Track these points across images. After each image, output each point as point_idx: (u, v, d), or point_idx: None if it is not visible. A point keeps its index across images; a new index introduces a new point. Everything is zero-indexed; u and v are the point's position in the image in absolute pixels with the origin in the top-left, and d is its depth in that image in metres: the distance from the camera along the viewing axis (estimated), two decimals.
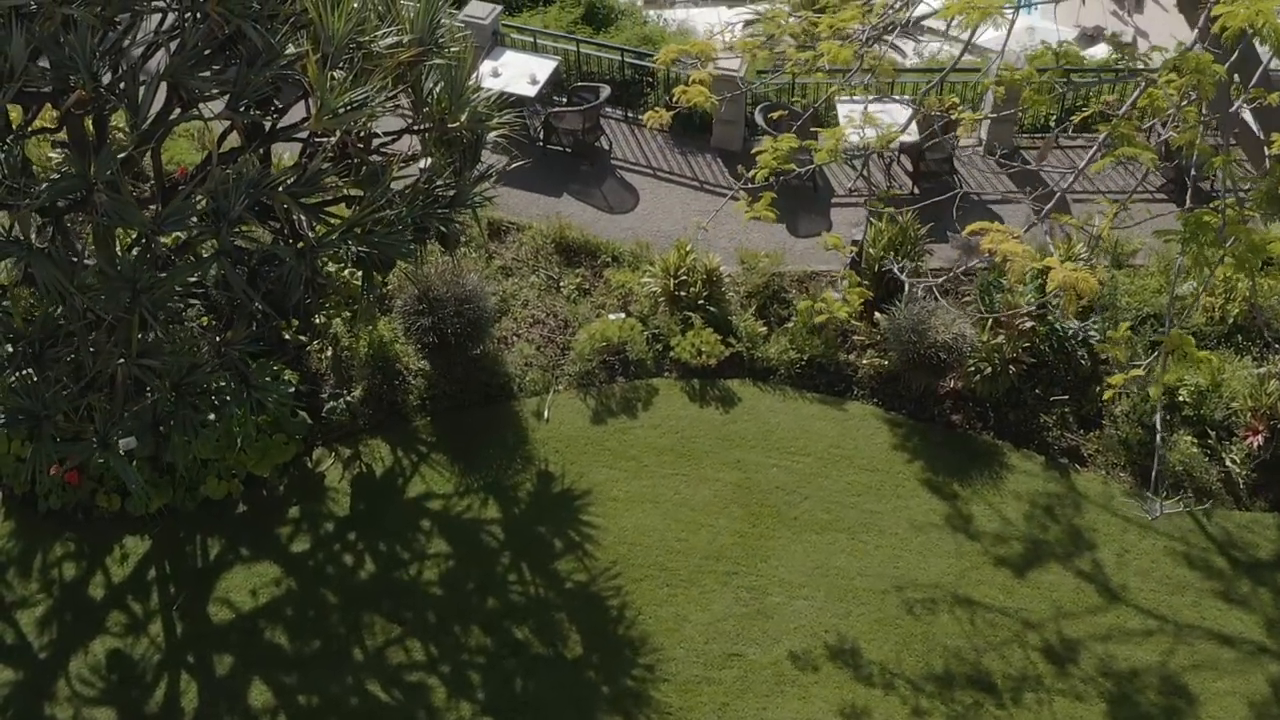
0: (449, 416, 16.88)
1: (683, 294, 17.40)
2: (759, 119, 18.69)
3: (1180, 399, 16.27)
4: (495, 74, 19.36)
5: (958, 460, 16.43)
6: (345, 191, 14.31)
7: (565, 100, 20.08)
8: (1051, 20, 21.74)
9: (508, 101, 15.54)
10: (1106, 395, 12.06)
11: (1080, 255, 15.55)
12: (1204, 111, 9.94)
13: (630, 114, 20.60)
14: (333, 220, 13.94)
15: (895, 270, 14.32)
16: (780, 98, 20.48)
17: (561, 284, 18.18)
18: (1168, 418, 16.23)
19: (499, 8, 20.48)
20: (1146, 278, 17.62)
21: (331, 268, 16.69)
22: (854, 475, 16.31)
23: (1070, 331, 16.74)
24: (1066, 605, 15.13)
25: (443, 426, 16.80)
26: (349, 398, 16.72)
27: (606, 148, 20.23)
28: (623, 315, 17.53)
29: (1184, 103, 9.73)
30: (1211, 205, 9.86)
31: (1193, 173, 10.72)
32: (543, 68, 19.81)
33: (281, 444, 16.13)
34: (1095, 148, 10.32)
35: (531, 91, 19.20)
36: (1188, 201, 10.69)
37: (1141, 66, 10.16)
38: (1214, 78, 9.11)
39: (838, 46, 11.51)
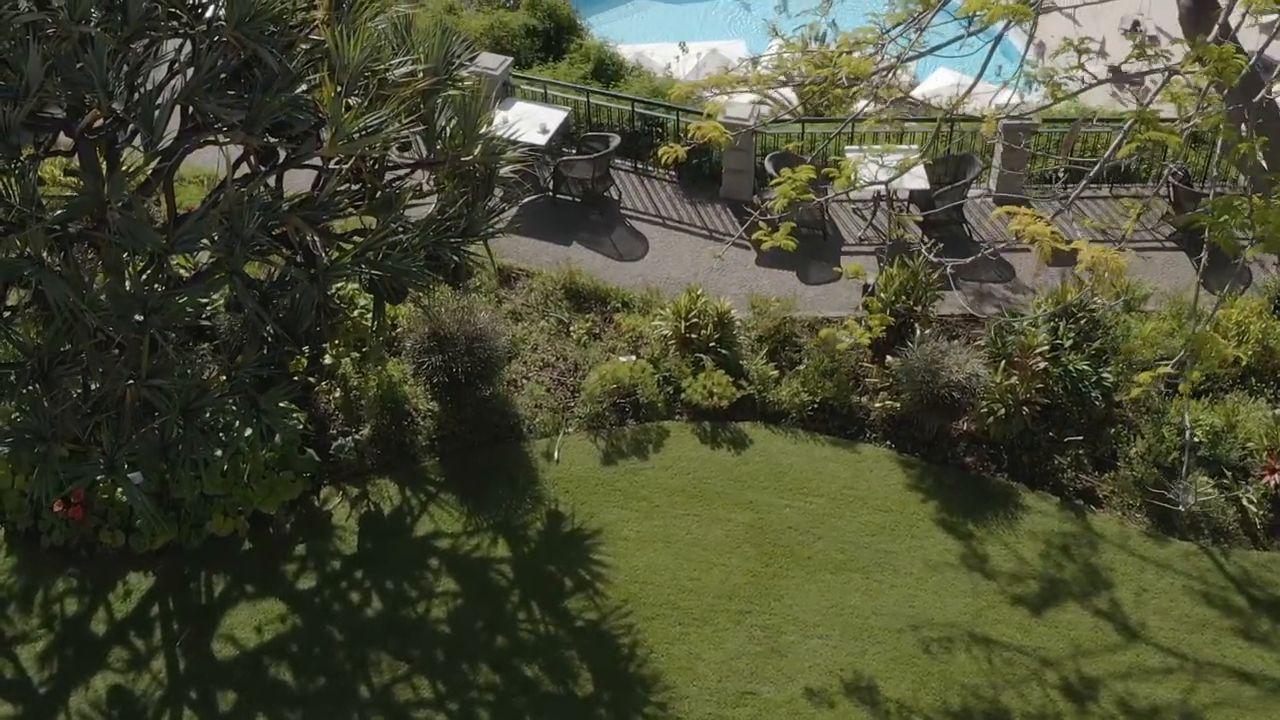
0: (458, 457, 16.73)
1: (694, 337, 17.32)
2: (769, 167, 18.73)
3: (1196, 440, 16.14)
4: (505, 123, 19.39)
5: (972, 501, 16.27)
6: (359, 217, 14.31)
7: (575, 150, 20.14)
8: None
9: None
10: (1133, 393, 11.95)
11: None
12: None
13: (640, 165, 20.66)
14: (346, 247, 13.92)
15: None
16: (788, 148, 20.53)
17: (571, 328, 18.11)
18: (1183, 459, 16.11)
19: (509, 59, 20.61)
20: (1159, 321, 17.56)
21: (347, 288, 16.62)
22: (868, 515, 16.14)
23: (1083, 373, 16.64)
24: (1085, 643, 14.89)
25: (451, 467, 16.64)
26: (357, 436, 16.58)
27: (616, 197, 20.26)
28: (633, 358, 17.44)
29: (1206, 93, 9.70)
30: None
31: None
32: (553, 117, 19.90)
33: (289, 481, 15.95)
34: (1121, 134, 10.25)
35: (541, 140, 19.24)
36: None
37: (1161, 66, 10.08)
38: (1237, 68, 9.10)
39: (855, 60, 11.52)
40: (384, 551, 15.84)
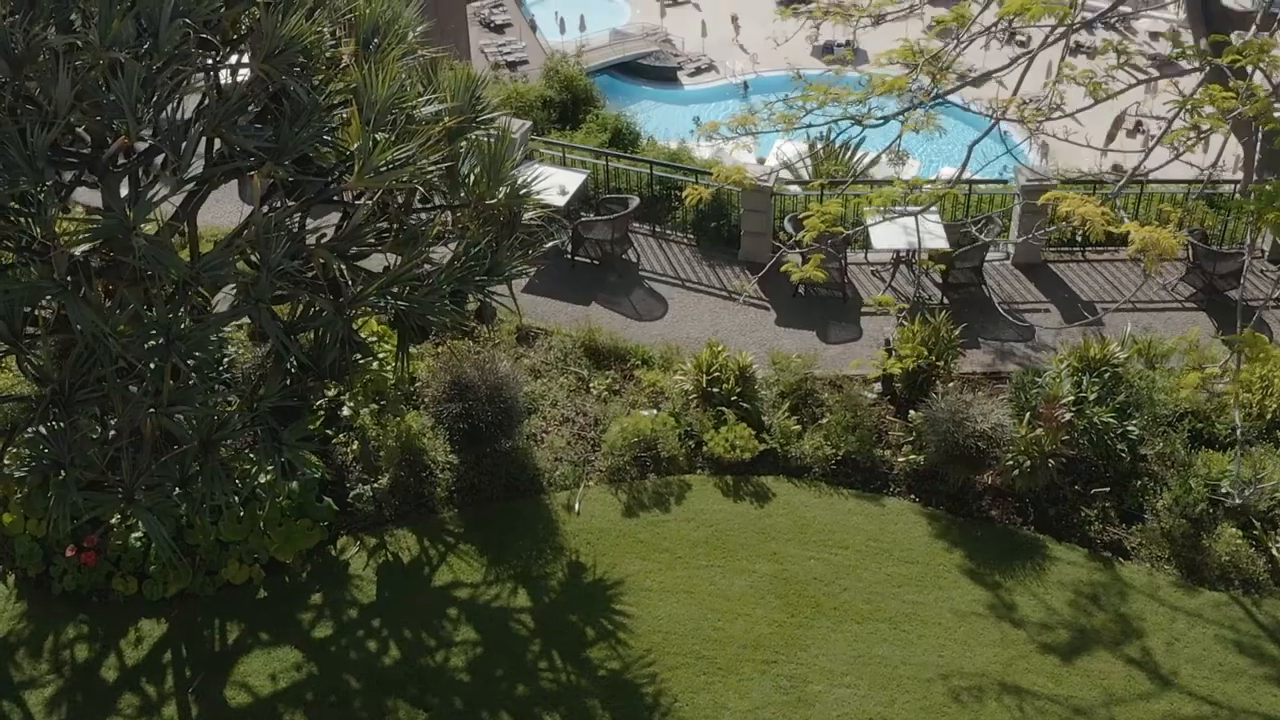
0: (477, 509, 16.51)
1: (715, 390, 17.21)
2: (788, 227, 18.78)
3: (1223, 490, 15.96)
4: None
5: (999, 552, 16.03)
6: (383, 254, 14.27)
7: (593, 213, 20.20)
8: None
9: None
10: (1182, 394, 11.78)
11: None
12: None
13: (658, 228, 20.71)
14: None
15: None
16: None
17: (591, 385, 17.99)
18: (1210, 511, 15.92)
19: (528, 123, 20.76)
20: (1182, 376, 17.44)
21: (370, 323, 16.56)
22: (893, 567, 15.88)
23: (1108, 425, 16.50)
24: (1117, 692, 14.56)
25: (471, 518, 16.42)
26: (375, 485, 16.39)
27: (634, 259, 20.28)
28: (655, 411, 17.31)
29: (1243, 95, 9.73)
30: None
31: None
32: (571, 180, 19.99)
33: (306, 529, 15.72)
34: (1169, 120, 10.24)
35: (560, 201, 19.30)
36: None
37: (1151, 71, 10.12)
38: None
39: (889, 79, 11.57)
40: (402, 601, 15.56)
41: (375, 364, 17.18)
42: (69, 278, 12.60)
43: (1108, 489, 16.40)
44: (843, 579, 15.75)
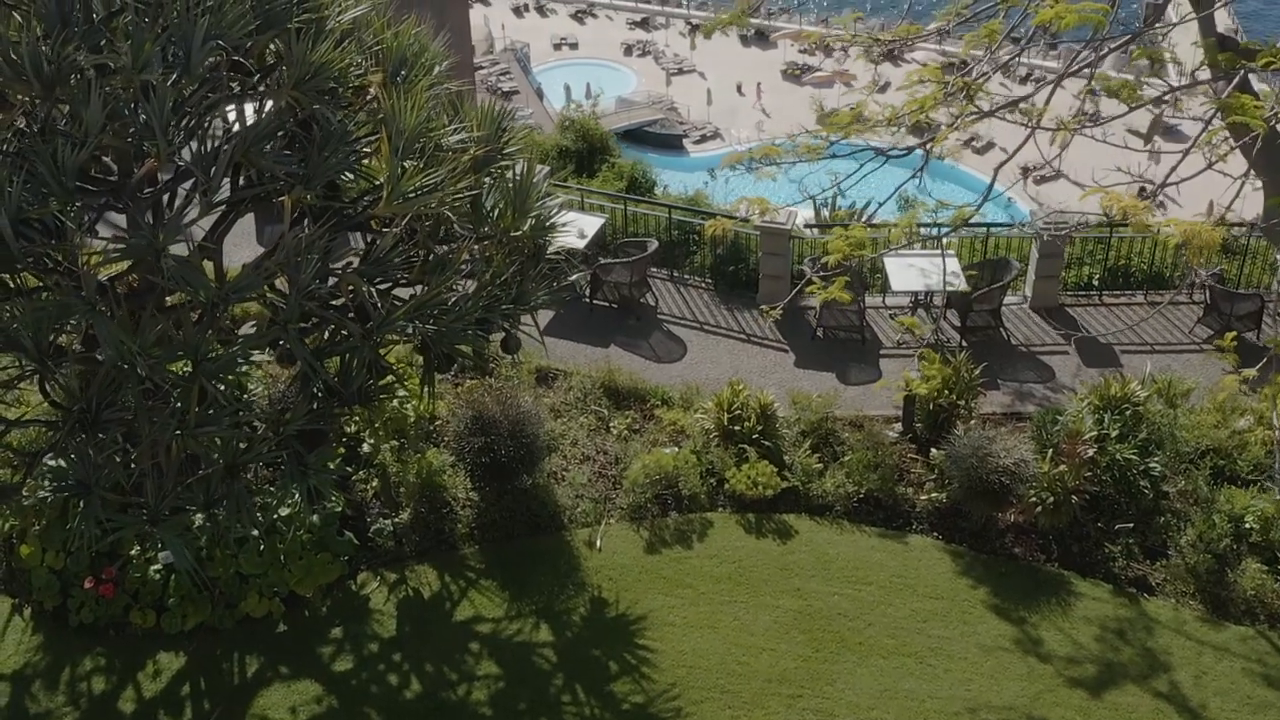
0: (498, 545, 16.41)
1: (737, 428, 17.18)
2: (807, 269, 18.80)
3: (1247, 525, 15.89)
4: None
5: (1023, 587, 15.92)
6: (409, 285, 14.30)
7: (612, 257, 20.27)
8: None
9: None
10: (1220, 398, 11.74)
11: None
12: None
13: (676, 273, 20.78)
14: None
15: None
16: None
17: (611, 424, 17.96)
18: (1234, 547, 15.85)
19: (546, 168, 20.89)
20: (1202, 414, 17.46)
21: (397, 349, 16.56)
22: (918, 602, 15.76)
23: (1131, 462, 16.45)
24: None
25: (492, 554, 16.32)
26: (396, 519, 16.31)
27: (653, 304, 20.32)
28: (676, 449, 17.27)
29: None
30: None
31: None
32: (590, 224, 20.08)
33: (326, 563, 15.62)
34: (1207, 119, 10.28)
35: (580, 244, 19.37)
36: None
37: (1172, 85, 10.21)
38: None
39: (920, 99, 11.63)
40: (423, 635, 15.42)
41: (395, 401, 17.18)
42: (97, 296, 12.65)
43: (1131, 525, 16.32)
44: (867, 614, 15.63)
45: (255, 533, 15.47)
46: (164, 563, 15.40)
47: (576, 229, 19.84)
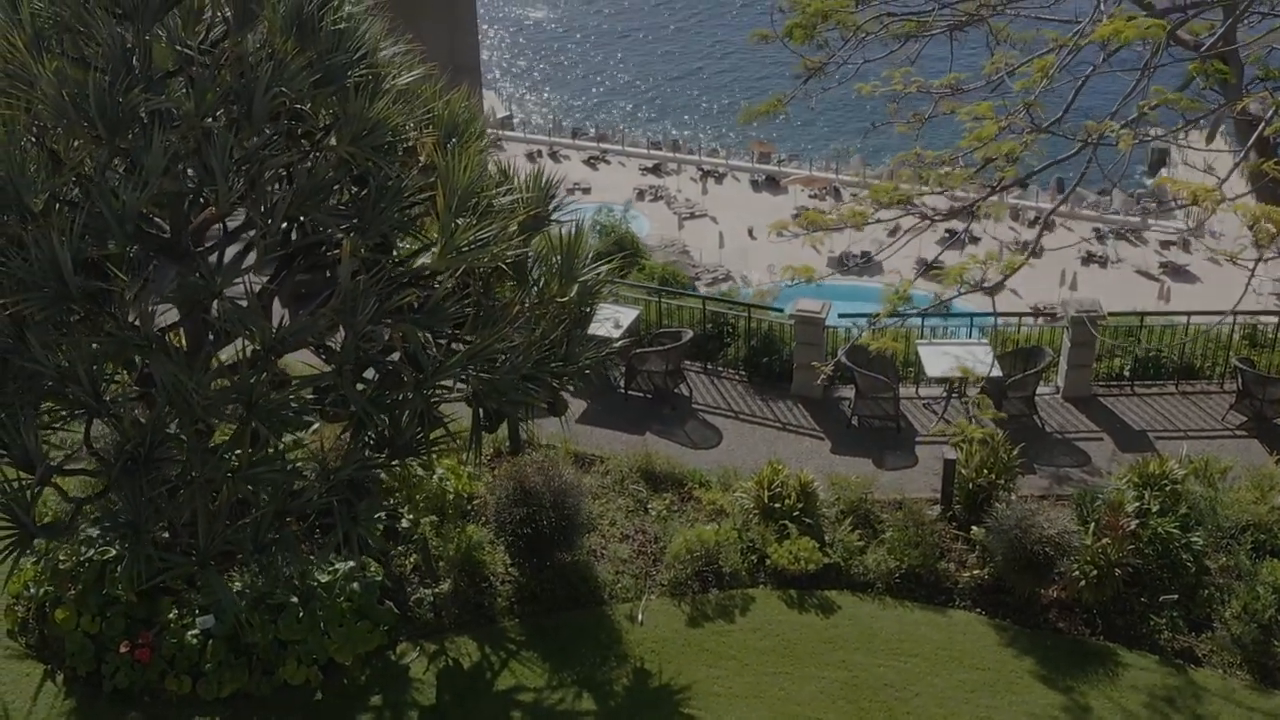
0: (538, 618, 16.26)
1: (777, 505, 17.14)
2: (843, 358, 18.95)
3: None
4: None
5: (1070, 659, 15.72)
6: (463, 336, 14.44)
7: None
8: None
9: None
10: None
11: None
12: None
13: (709, 365, 20.90)
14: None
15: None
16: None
17: (649, 506, 17.92)
18: (1276, 615, 15.73)
19: (594, 238, 21.22)
20: (1241, 491, 17.44)
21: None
22: (964, 674, 15.55)
23: (1173, 535, 16.38)
24: None
25: (532, 627, 16.15)
26: (437, 590, 16.18)
27: (687, 394, 20.42)
28: (716, 525, 17.20)
29: None
30: None
31: None
32: (625, 315, 20.28)
33: (366, 631, 15.43)
34: (1263, 122, 10.49)
35: (615, 334, 19.55)
36: None
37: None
38: None
39: (978, 133, 11.87)
40: (464, 705, 15.18)
41: (435, 478, 17.19)
42: (155, 336, 12.78)
43: (1176, 596, 16.19)
44: (914, 685, 15.41)
45: (294, 599, 15.38)
46: (201, 628, 15.25)
47: (612, 319, 20.12)
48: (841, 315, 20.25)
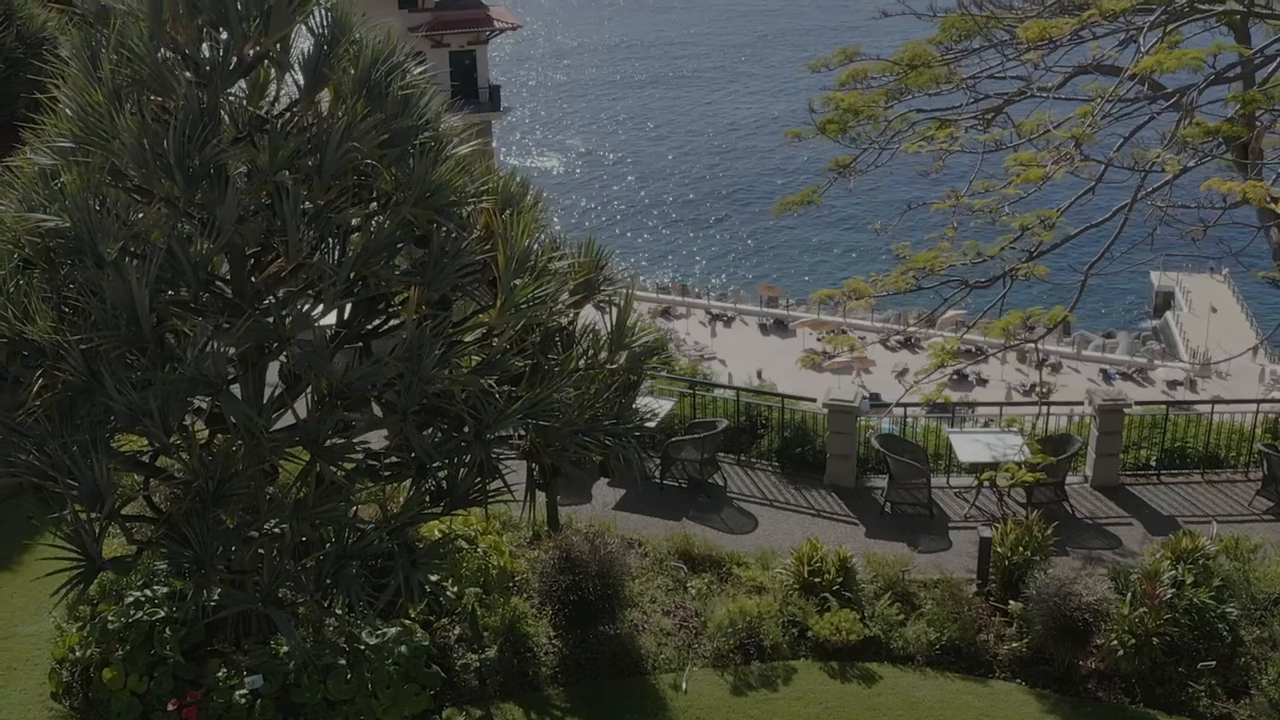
0: (582, 687, 16.37)
1: (817, 580, 17.38)
2: (875, 443, 19.37)
3: None
4: None
5: None
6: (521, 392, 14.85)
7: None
8: None
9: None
10: None
11: None
12: None
13: (743, 457, 21.24)
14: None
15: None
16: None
17: (689, 585, 18.13)
18: None
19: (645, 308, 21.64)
20: (1272, 566, 17.68)
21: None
22: None
23: (1208, 605, 16.60)
24: None
25: (576, 695, 16.25)
26: (483, 656, 16.32)
27: (722, 483, 20.73)
28: (758, 598, 17.40)
29: None
30: None
31: None
32: (661, 406, 20.68)
33: (413, 694, 15.55)
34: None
35: (650, 425, 19.89)
36: None
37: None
38: None
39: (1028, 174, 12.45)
40: None
41: (479, 552, 17.44)
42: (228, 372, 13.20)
43: (1214, 662, 16.34)
44: None
45: (342, 661, 15.52)
46: (250, 688, 15.35)
47: (648, 410, 20.50)
48: (874, 405, 20.67)
